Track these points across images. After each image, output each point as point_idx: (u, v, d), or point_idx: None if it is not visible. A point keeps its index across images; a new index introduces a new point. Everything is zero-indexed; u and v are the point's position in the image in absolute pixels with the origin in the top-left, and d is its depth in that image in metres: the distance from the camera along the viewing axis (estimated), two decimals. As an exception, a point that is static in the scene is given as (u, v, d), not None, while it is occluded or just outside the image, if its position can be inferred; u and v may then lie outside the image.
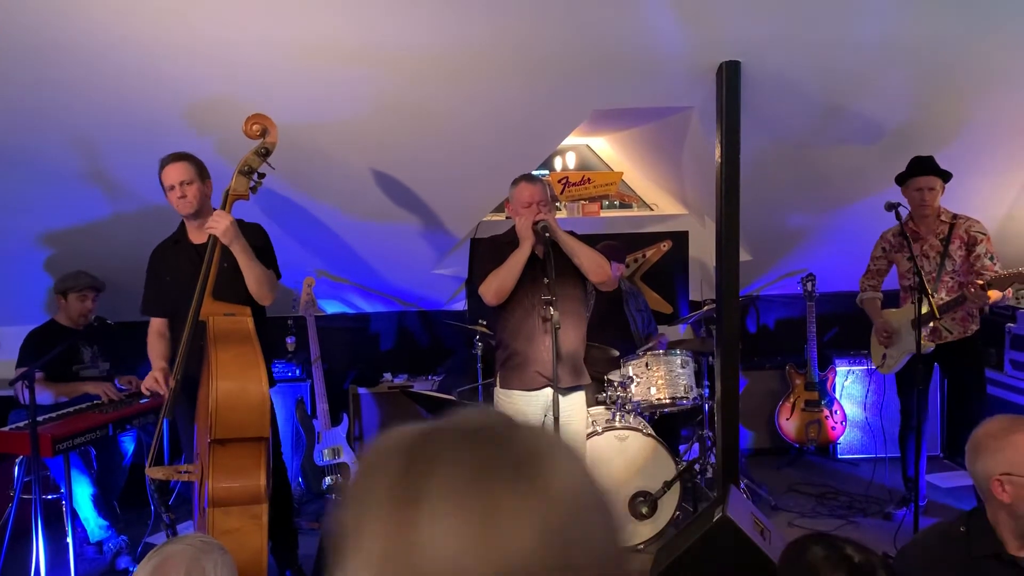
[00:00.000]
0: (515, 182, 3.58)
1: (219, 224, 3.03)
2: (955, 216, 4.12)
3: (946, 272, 4.09)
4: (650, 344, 4.57)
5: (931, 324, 3.96)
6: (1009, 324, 4.86)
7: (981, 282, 3.80)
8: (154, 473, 3.08)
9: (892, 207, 3.73)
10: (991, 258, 4.01)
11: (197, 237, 3.36)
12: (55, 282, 4.32)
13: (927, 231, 4.15)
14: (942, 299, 4.01)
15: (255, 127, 3.07)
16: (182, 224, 3.41)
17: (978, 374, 4.23)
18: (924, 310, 3.76)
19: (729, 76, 3.77)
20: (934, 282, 4.06)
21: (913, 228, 4.15)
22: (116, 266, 4.41)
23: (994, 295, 3.83)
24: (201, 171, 3.31)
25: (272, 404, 3.10)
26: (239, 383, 2.85)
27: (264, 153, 3.07)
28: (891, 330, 4.22)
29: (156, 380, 3.24)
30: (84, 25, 3.18)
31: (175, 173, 3.23)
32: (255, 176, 3.09)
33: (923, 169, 4.06)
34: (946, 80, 3.99)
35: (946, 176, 4.06)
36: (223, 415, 2.82)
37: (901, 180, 4.13)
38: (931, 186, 4.04)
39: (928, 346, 4.02)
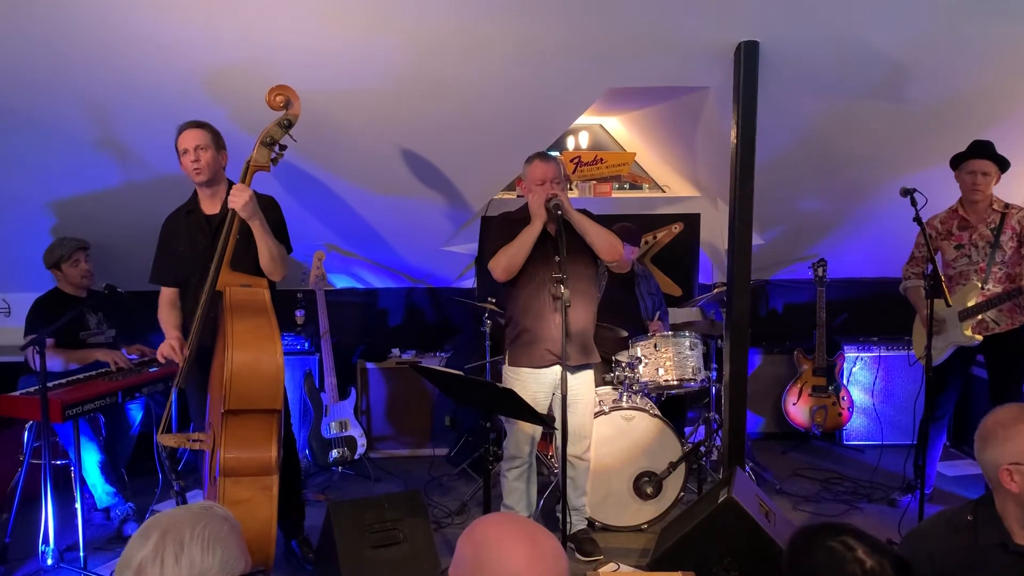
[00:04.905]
0: (529, 160, 3.57)
1: (239, 198, 3.02)
2: (1007, 205, 3.96)
3: (995, 263, 3.95)
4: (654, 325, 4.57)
5: (978, 316, 3.87)
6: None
7: None
8: (165, 440, 3.08)
9: (907, 193, 3.66)
10: None
11: (210, 208, 3.35)
12: (44, 258, 4.20)
13: (977, 219, 3.99)
14: (991, 290, 3.91)
15: (279, 98, 3.03)
16: (195, 194, 3.40)
17: (1022, 367, 4.06)
18: (971, 302, 3.68)
19: (747, 56, 3.72)
20: (983, 272, 3.95)
21: (963, 215, 4.02)
22: (125, 235, 4.42)
23: None
24: (217, 140, 3.30)
25: (284, 376, 3.10)
26: (254, 355, 2.85)
27: (287, 125, 3.04)
28: (937, 319, 4.00)
29: (172, 348, 3.24)
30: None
31: (191, 138, 3.23)
32: (276, 148, 3.07)
33: (979, 152, 3.89)
34: (975, 68, 3.90)
35: (1004, 163, 3.89)
36: (237, 386, 2.83)
37: (956, 163, 3.97)
38: (985, 171, 3.88)
39: (975, 339, 3.92)
